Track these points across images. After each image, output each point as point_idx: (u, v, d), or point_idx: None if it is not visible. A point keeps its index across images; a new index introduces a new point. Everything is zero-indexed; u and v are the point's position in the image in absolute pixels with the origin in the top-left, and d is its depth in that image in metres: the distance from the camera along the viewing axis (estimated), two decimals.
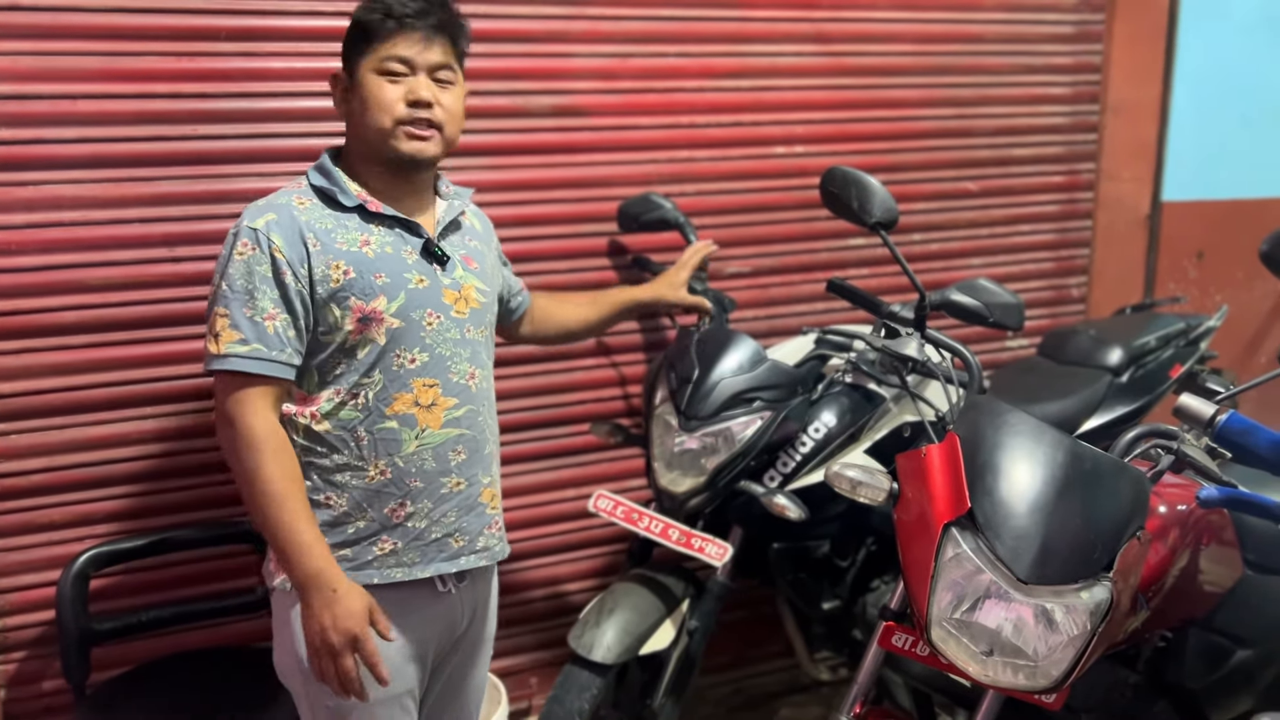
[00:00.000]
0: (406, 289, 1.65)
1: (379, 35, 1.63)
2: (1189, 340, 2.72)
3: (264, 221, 1.60)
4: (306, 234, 1.60)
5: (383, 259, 1.64)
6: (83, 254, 2.09)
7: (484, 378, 1.77)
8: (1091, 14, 3.09)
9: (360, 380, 1.64)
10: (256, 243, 1.58)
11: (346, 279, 1.61)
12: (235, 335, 1.57)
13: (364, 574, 1.66)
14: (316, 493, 1.66)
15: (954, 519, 1.48)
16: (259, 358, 1.57)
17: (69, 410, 2.12)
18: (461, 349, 1.71)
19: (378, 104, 1.63)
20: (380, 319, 1.62)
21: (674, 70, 2.57)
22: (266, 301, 1.57)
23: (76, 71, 2.05)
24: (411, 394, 1.66)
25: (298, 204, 1.64)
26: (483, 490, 1.75)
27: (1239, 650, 1.90)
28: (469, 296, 1.73)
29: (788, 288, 2.79)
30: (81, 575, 2.02)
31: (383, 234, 1.67)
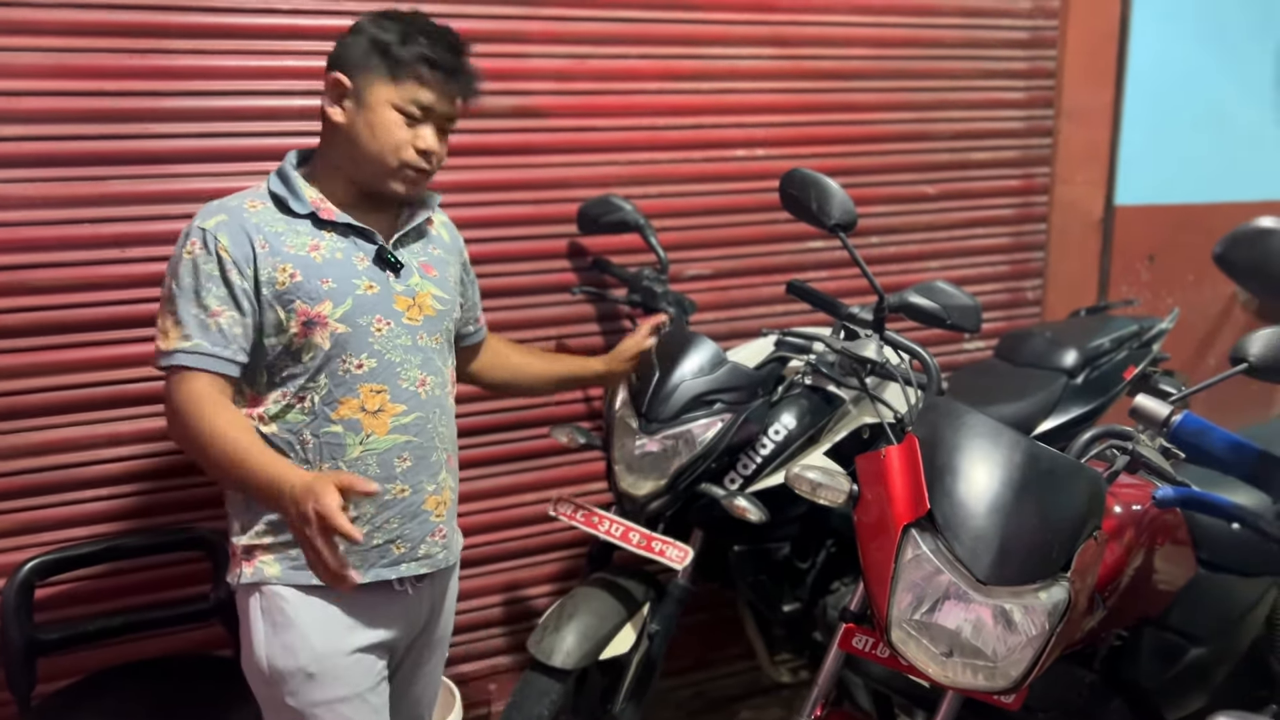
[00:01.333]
0: (354, 294, 1.65)
1: (409, 74, 1.64)
2: (1142, 342, 2.75)
3: (214, 222, 1.61)
4: (255, 236, 1.61)
5: (331, 264, 1.65)
6: (30, 255, 2.04)
7: (437, 385, 1.76)
8: (1045, 20, 3.13)
9: (306, 384, 1.64)
10: (204, 243, 1.59)
11: (293, 282, 1.61)
12: (180, 331, 1.59)
13: (304, 574, 1.63)
14: None
15: (913, 520, 1.49)
16: (202, 353, 1.58)
17: (15, 415, 2.07)
18: (412, 355, 1.71)
19: (388, 142, 1.65)
20: (324, 323, 1.63)
21: (633, 72, 2.57)
22: (212, 299, 1.58)
23: (24, 68, 2.00)
24: (358, 399, 1.66)
25: (249, 207, 1.64)
26: (427, 498, 1.74)
27: (1193, 648, 1.93)
28: (423, 304, 1.73)
29: (748, 290, 2.80)
30: (26, 584, 1.97)
31: (334, 240, 1.67)
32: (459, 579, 2.50)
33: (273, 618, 1.66)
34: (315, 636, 1.66)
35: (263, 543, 1.67)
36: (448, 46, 1.67)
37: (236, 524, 1.70)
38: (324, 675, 1.65)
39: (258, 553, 1.67)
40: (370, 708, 1.71)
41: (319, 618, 1.67)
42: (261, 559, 1.67)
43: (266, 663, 1.65)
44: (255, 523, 1.67)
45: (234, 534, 1.69)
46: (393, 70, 1.64)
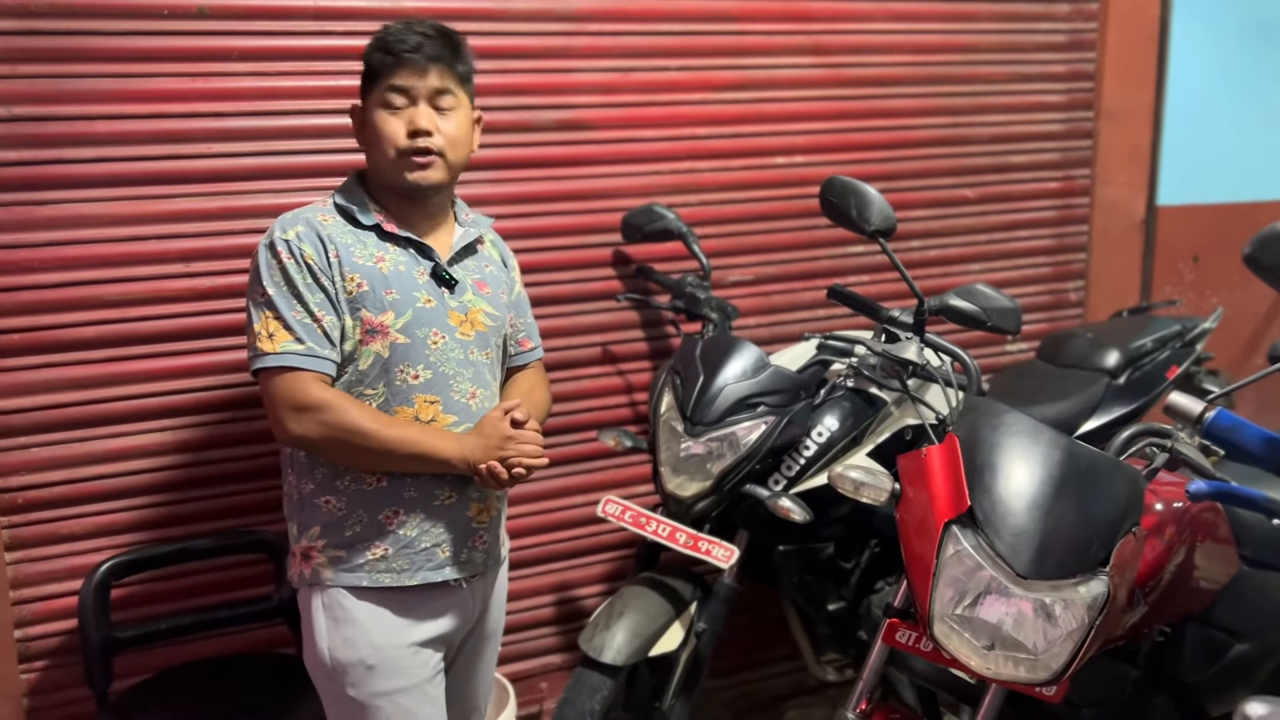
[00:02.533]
0: (415, 307, 1.73)
1: (381, 70, 1.72)
2: (1185, 342, 2.76)
3: (294, 233, 1.69)
4: (329, 246, 1.69)
5: (395, 276, 1.72)
6: (101, 270, 2.14)
7: (486, 398, 1.82)
8: (1084, 22, 3.14)
9: (365, 391, 1.72)
10: (291, 252, 1.68)
11: (360, 291, 1.69)
12: (288, 335, 1.66)
13: (355, 575, 1.73)
14: (318, 496, 1.73)
15: (954, 517, 1.53)
16: (314, 355, 1.67)
17: (89, 423, 2.17)
18: (464, 369, 1.77)
19: (382, 137, 1.72)
20: (385, 332, 1.70)
21: (675, 84, 2.62)
22: (313, 305, 1.67)
23: (93, 93, 2.10)
24: (413, 408, 1.73)
25: (321, 219, 1.72)
26: (471, 505, 1.79)
27: (1236, 644, 1.94)
28: (475, 320, 1.80)
29: (789, 295, 2.84)
30: (103, 584, 2.07)
31: (397, 253, 1.75)
32: (511, 580, 2.59)
33: (333, 613, 1.73)
34: (374, 630, 1.73)
35: (317, 545, 1.74)
36: (407, 29, 1.72)
37: (294, 526, 1.77)
38: (383, 667, 1.72)
39: (314, 554, 1.74)
40: (428, 698, 1.78)
41: (376, 614, 1.73)
42: (317, 561, 1.74)
43: (329, 655, 1.72)
44: (310, 526, 1.74)
45: (292, 537, 1.77)
46: (372, 76, 1.73)
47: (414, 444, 1.68)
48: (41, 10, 2.04)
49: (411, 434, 1.69)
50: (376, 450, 1.67)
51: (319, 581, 1.73)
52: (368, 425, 1.66)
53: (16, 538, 2.14)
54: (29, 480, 2.14)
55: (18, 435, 2.12)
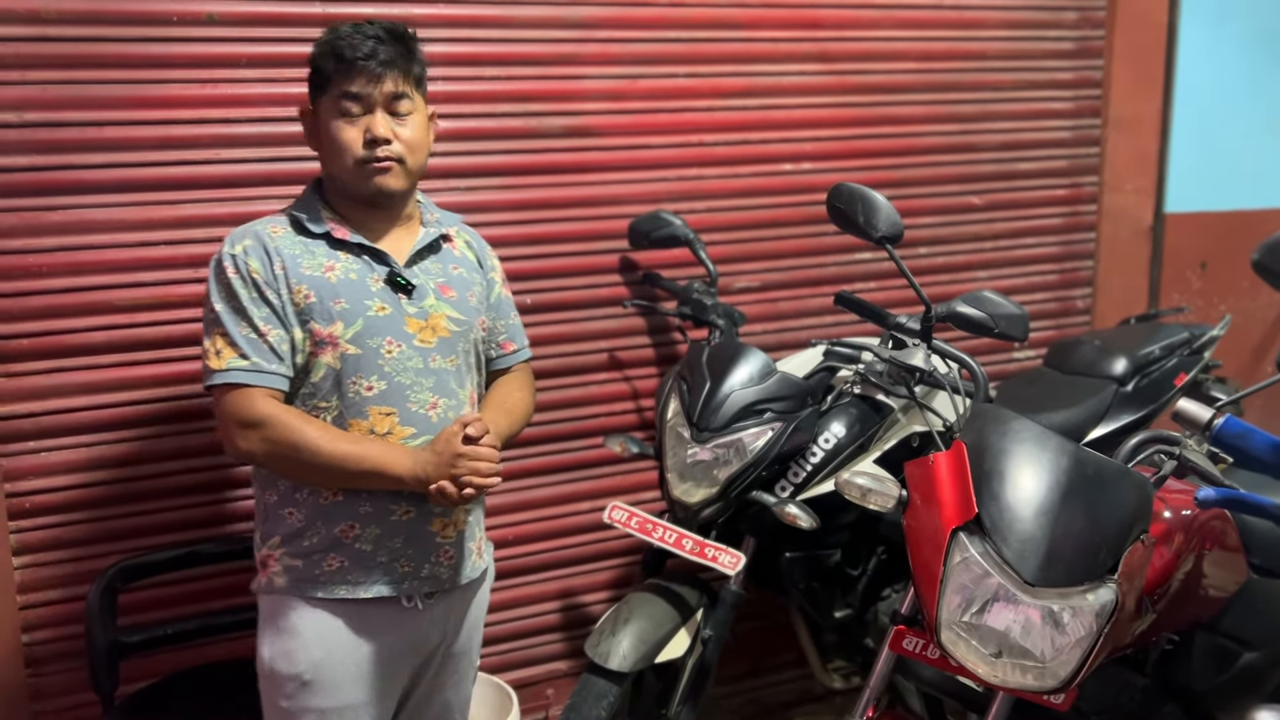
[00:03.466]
0: (365, 316, 1.69)
1: (333, 77, 1.68)
2: (1193, 349, 2.75)
3: (241, 248, 1.68)
4: (274, 259, 1.67)
5: (344, 285, 1.69)
6: (111, 276, 2.15)
7: (450, 407, 1.75)
8: (1092, 30, 3.15)
9: (318, 404, 1.69)
10: (237, 267, 1.66)
11: (308, 303, 1.67)
12: (234, 352, 1.64)
13: (310, 585, 1.70)
14: (280, 507, 1.72)
15: (961, 524, 1.52)
16: (261, 370, 1.64)
17: (97, 428, 2.17)
18: (424, 378, 1.72)
19: (339, 146, 1.69)
20: (335, 343, 1.67)
21: (682, 90, 2.63)
22: (259, 321, 1.65)
23: (103, 99, 2.11)
24: (367, 421, 1.69)
25: (270, 231, 1.70)
26: (433, 520, 1.75)
27: (1245, 653, 1.93)
28: (437, 325, 1.75)
29: (796, 301, 2.84)
30: (109, 589, 2.07)
31: (348, 261, 1.72)
32: (517, 587, 2.59)
33: (277, 623, 1.71)
34: (315, 647, 1.70)
35: (275, 553, 1.73)
36: (359, 33, 1.67)
37: (258, 535, 1.76)
38: (318, 684, 1.70)
39: (271, 563, 1.73)
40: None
41: (322, 630, 1.70)
42: (273, 570, 1.73)
43: (268, 664, 1.72)
44: (271, 535, 1.73)
45: (255, 545, 1.77)
46: (322, 82, 1.70)
47: (363, 460, 1.65)
48: (52, 18, 2.06)
49: (361, 450, 1.65)
50: (324, 467, 1.64)
51: (273, 589, 1.72)
52: (314, 441, 1.63)
53: (24, 542, 2.15)
54: (37, 485, 2.14)
55: (27, 440, 2.13)
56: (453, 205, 2.41)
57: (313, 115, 1.74)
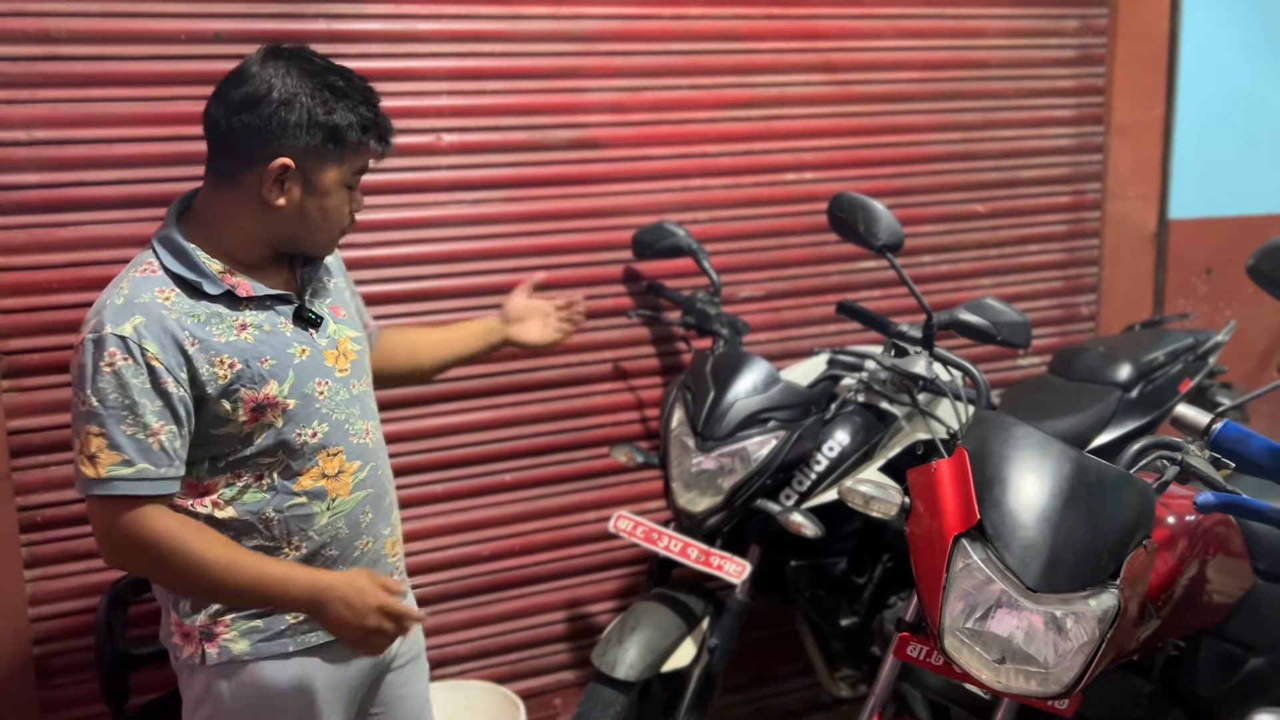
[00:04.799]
0: (293, 365, 1.57)
1: (359, 150, 1.56)
2: (1197, 355, 2.75)
3: (131, 327, 1.45)
4: (180, 334, 1.48)
5: (262, 341, 1.55)
6: None
7: (376, 428, 1.71)
8: (1094, 38, 3.16)
9: (262, 462, 1.57)
10: (128, 352, 1.44)
11: (234, 372, 1.51)
12: (116, 457, 1.44)
13: (276, 643, 1.60)
14: None
15: (964, 530, 1.53)
16: (147, 478, 1.46)
17: None
18: (353, 407, 1.65)
19: (337, 218, 1.59)
20: (275, 404, 1.54)
21: (685, 102, 2.65)
22: (149, 416, 1.45)
23: (113, 117, 2.14)
24: (318, 467, 1.60)
25: (161, 299, 1.49)
26: (384, 542, 1.71)
27: (1251, 658, 1.93)
28: (346, 350, 1.66)
29: (799, 310, 2.85)
30: (119, 601, 2.07)
31: (256, 315, 1.56)
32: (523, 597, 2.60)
33: (236, 682, 1.59)
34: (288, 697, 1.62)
35: (225, 619, 1.59)
36: (378, 108, 1.57)
37: (187, 603, 1.59)
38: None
39: (219, 630, 1.59)
40: None
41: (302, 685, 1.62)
42: (225, 638, 1.59)
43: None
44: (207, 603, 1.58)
45: (183, 615, 1.59)
46: (341, 151, 1.53)
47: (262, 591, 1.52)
48: (62, 36, 2.08)
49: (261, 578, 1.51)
50: (218, 589, 1.53)
51: (231, 659, 1.57)
52: (211, 568, 1.48)
53: (35, 555, 2.17)
54: (48, 498, 2.16)
55: (37, 454, 2.15)
56: (459, 218, 2.45)
57: (297, 173, 1.52)
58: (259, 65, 1.51)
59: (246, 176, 1.52)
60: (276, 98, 1.49)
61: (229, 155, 1.53)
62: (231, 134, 1.50)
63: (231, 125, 1.50)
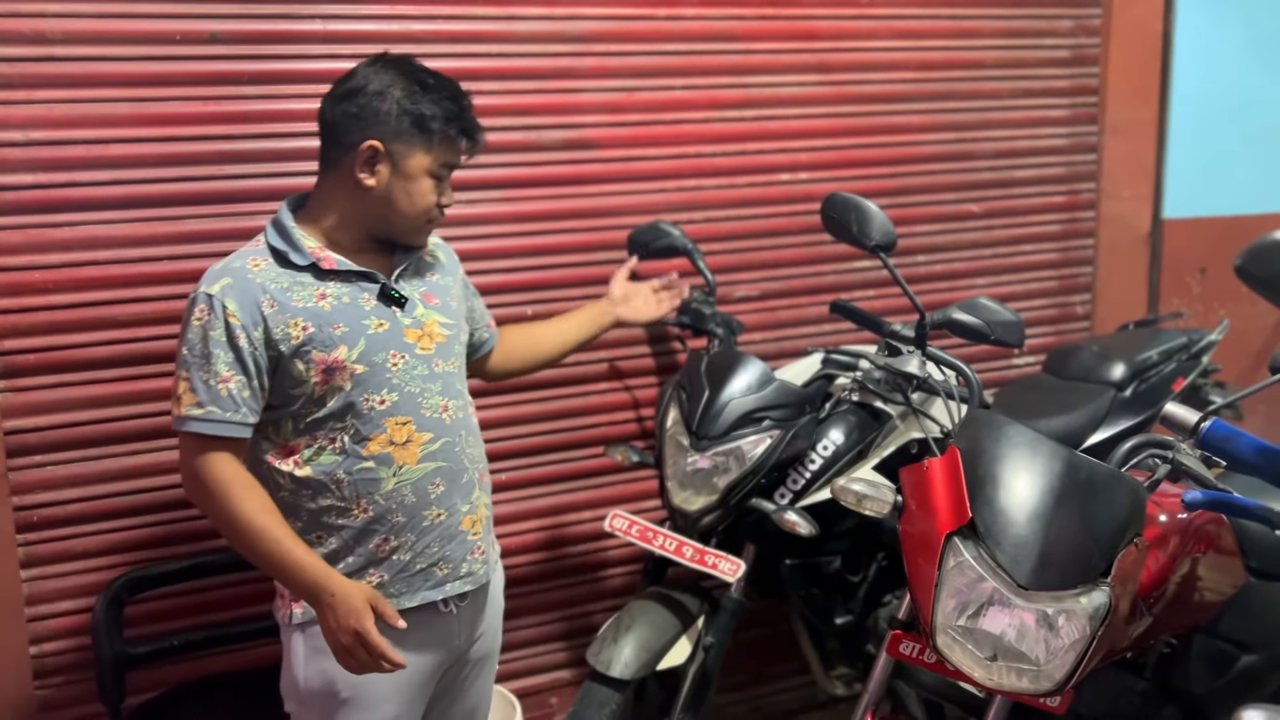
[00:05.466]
0: (366, 335, 1.70)
1: (447, 143, 1.73)
2: (1191, 354, 2.76)
3: (219, 287, 1.65)
4: (261, 296, 1.65)
5: (339, 310, 1.70)
6: (115, 291, 2.17)
7: (459, 408, 1.81)
8: (1088, 38, 3.16)
9: (335, 426, 1.70)
10: (211, 308, 1.64)
11: (306, 334, 1.66)
12: (193, 399, 1.63)
13: None
14: (308, 533, 1.72)
15: (956, 529, 1.54)
16: (213, 420, 1.63)
17: (102, 442, 2.20)
18: (431, 384, 1.76)
19: (422, 204, 1.75)
20: (343, 367, 1.68)
21: (680, 102, 2.65)
22: (220, 365, 1.63)
23: (108, 117, 2.14)
24: (386, 434, 1.71)
25: (252, 266, 1.69)
26: (462, 519, 1.79)
27: (1244, 656, 1.94)
28: (432, 332, 1.79)
29: (794, 310, 2.86)
30: (116, 601, 2.09)
31: (337, 287, 1.71)
32: (519, 596, 2.60)
33: (314, 643, 1.71)
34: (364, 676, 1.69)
35: None
36: (468, 106, 1.75)
37: None
38: (357, 700, 1.72)
39: None
40: None
41: None
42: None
43: (303, 687, 1.72)
44: None
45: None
46: (430, 140, 1.71)
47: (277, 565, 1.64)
48: (57, 38, 2.09)
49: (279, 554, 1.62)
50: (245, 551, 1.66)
51: (313, 619, 1.68)
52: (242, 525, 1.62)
53: (31, 555, 2.17)
54: (44, 498, 2.17)
55: (33, 454, 2.15)
56: (453, 218, 2.44)
57: (387, 157, 1.70)
58: (365, 67, 1.74)
59: (345, 161, 1.71)
60: (372, 90, 1.69)
61: (332, 143, 1.73)
62: (335, 124, 1.72)
63: (335, 115, 1.72)
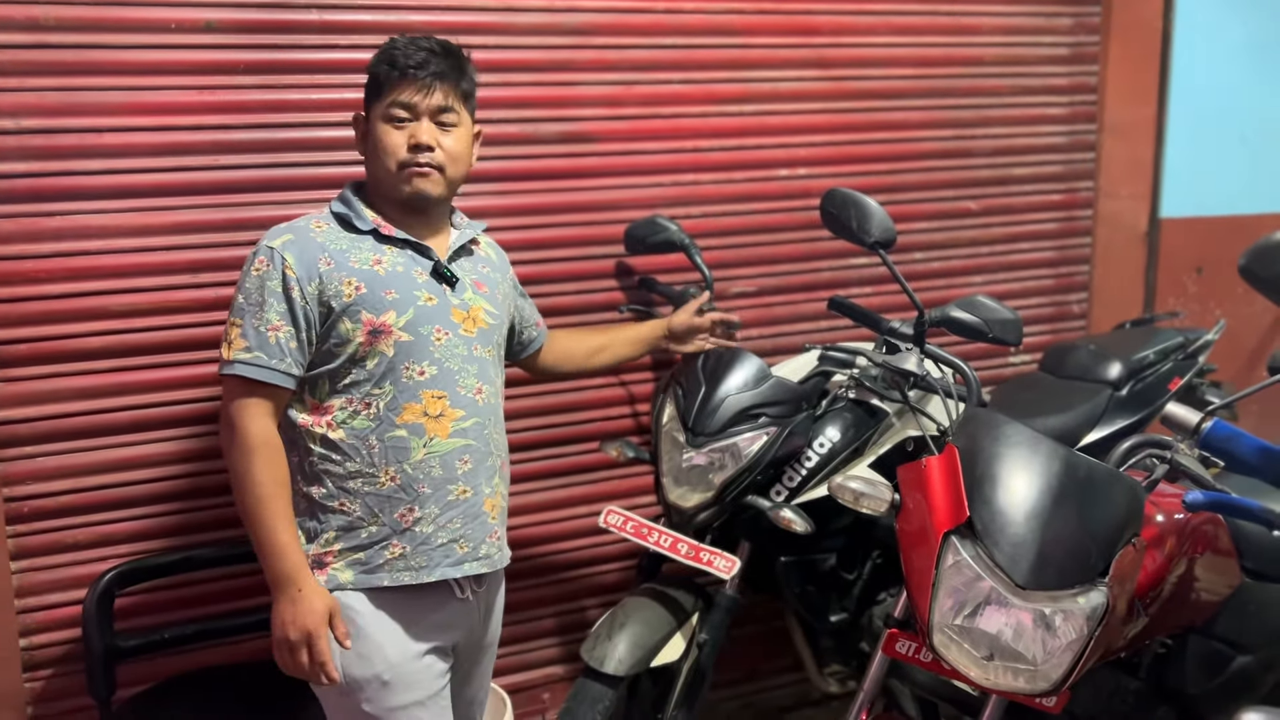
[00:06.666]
0: (416, 305, 1.76)
1: (386, 84, 1.77)
2: (1188, 354, 2.76)
3: (280, 241, 1.73)
4: (320, 254, 1.72)
5: (393, 277, 1.75)
6: (108, 281, 2.15)
7: (491, 393, 1.85)
8: (1087, 36, 3.16)
9: (372, 390, 1.74)
10: (271, 260, 1.71)
11: (359, 294, 1.72)
12: (243, 343, 1.69)
13: (375, 577, 1.75)
14: (331, 499, 1.75)
15: (953, 528, 1.53)
16: (259, 364, 1.68)
17: (94, 433, 2.18)
18: (469, 365, 1.81)
19: (383, 149, 1.78)
20: (389, 332, 1.73)
21: (678, 96, 2.64)
22: (273, 314, 1.69)
23: (101, 106, 2.12)
24: (420, 404, 1.75)
25: (315, 227, 1.77)
26: (485, 500, 1.83)
27: (1239, 656, 1.94)
28: (477, 317, 1.83)
29: (791, 306, 2.85)
30: (106, 593, 2.07)
31: (395, 255, 1.78)
32: (513, 591, 2.59)
33: (350, 623, 1.73)
34: (389, 646, 1.74)
35: (333, 549, 1.75)
36: (414, 45, 1.77)
37: (302, 533, 1.76)
38: (398, 681, 1.74)
39: (329, 560, 1.75)
40: (440, 708, 1.81)
41: (390, 625, 1.75)
42: (334, 567, 1.75)
43: (342, 672, 1.72)
44: (324, 530, 1.75)
45: (302, 541, 1.75)
46: (376, 88, 1.79)
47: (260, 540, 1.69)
48: (50, 24, 2.07)
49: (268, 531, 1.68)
50: (241, 512, 1.71)
51: (338, 586, 1.74)
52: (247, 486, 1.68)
53: (21, 547, 2.16)
54: (34, 489, 2.15)
55: (24, 445, 2.13)
56: None
57: (364, 121, 1.82)
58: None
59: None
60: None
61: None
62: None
63: None
